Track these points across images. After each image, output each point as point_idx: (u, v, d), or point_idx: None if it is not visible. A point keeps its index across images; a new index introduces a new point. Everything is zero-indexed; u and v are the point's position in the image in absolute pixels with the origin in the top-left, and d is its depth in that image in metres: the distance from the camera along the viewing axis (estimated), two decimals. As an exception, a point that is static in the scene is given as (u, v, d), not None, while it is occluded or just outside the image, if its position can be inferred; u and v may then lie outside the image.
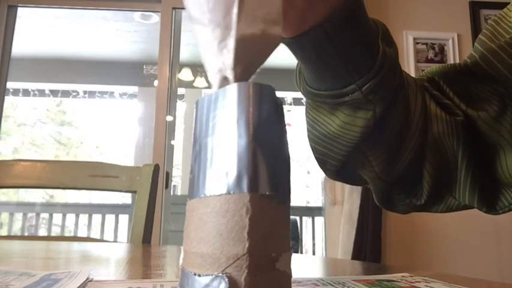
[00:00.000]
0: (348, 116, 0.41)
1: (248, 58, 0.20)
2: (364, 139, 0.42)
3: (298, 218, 3.75)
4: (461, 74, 0.46)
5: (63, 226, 4.10)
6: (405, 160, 0.45)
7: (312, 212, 3.89)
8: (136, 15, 3.21)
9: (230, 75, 0.20)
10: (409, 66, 2.17)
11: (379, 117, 0.40)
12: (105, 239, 3.00)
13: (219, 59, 0.20)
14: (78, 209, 4.18)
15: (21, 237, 1.90)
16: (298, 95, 4.33)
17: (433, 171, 0.45)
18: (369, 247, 1.90)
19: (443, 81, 0.47)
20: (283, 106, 0.19)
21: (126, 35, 3.71)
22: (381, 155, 0.44)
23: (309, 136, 0.47)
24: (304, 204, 4.27)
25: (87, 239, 1.22)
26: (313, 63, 0.39)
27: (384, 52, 0.38)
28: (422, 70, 2.40)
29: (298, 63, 0.44)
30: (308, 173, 4.83)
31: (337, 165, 0.46)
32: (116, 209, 4.13)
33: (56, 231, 4.11)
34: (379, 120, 0.41)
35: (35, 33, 3.61)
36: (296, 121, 4.51)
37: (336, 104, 0.40)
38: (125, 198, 4.20)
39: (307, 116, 0.46)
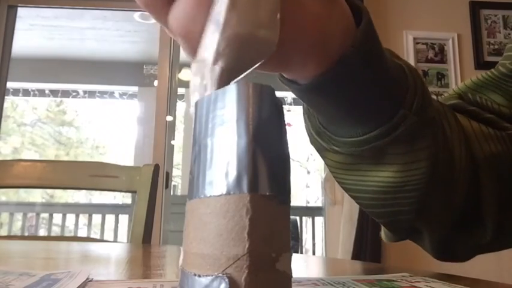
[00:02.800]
0: (405, 155, 0.34)
1: (230, 58, 0.20)
2: (432, 174, 0.35)
3: (298, 218, 3.75)
4: (504, 79, 0.42)
5: (63, 226, 4.10)
6: (460, 194, 0.38)
7: (312, 212, 3.89)
8: (136, 15, 3.21)
9: (208, 72, 0.20)
10: (409, 66, 2.17)
11: (442, 139, 0.34)
12: (105, 239, 3.00)
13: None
14: (78, 209, 4.18)
15: (21, 237, 1.90)
16: (298, 95, 4.33)
17: (493, 198, 0.38)
18: (369, 247, 1.90)
19: (480, 94, 0.43)
20: (283, 106, 0.19)
21: (126, 35, 3.71)
22: (437, 194, 0.37)
23: (360, 203, 0.39)
24: (304, 204, 4.27)
25: (87, 239, 1.22)
26: (348, 100, 0.32)
27: (406, 65, 0.35)
28: (423, 70, 2.38)
29: (308, 125, 0.37)
30: (308, 173, 4.83)
31: (410, 221, 0.38)
32: (116, 209, 4.13)
33: (56, 231, 4.11)
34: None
35: (35, 33, 3.61)
36: (296, 121, 4.51)
37: (386, 144, 0.33)
38: (125, 198, 4.20)
39: (341, 183, 0.39)
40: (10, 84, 2.85)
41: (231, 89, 0.18)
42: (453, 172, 0.37)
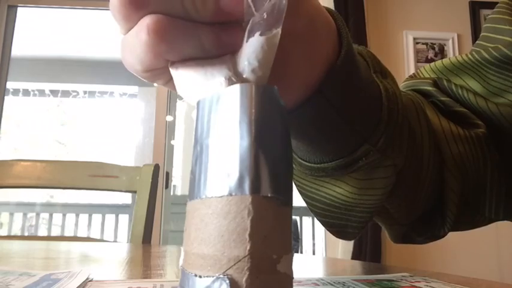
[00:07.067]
0: (362, 181, 0.33)
1: None
2: (387, 197, 0.35)
3: (298, 218, 3.75)
4: (484, 65, 0.41)
5: (63, 226, 4.10)
6: (425, 196, 0.39)
7: (312, 212, 3.88)
8: (136, 15, 3.20)
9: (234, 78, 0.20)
10: (409, 66, 2.17)
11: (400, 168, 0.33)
12: (105, 239, 3.00)
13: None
14: (78, 209, 4.18)
15: (21, 237, 1.90)
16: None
17: (458, 198, 0.38)
18: (369, 247, 1.90)
19: (456, 79, 0.42)
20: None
21: (126, 35, 3.71)
22: (401, 201, 0.38)
23: (311, 210, 0.39)
24: (304, 205, 4.26)
25: (87, 239, 1.22)
26: (310, 137, 0.31)
27: (386, 90, 0.32)
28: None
29: None
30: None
31: (359, 232, 0.39)
32: (116, 209, 4.13)
33: (56, 231, 4.11)
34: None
35: (35, 33, 3.61)
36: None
37: (343, 174, 0.33)
38: (125, 198, 4.20)
39: (298, 186, 0.38)
40: (10, 84, 2.85)
41: (234, 89, 0.18)
42: (419, 178, 0.37)
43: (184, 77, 0.22)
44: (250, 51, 0.20)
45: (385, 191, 0.34)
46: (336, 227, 0.39)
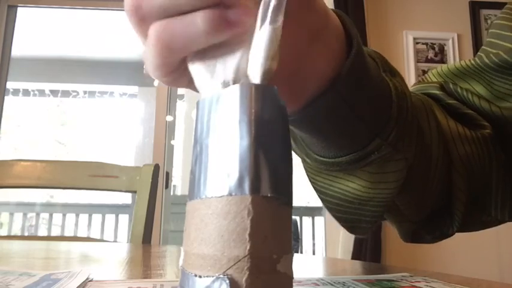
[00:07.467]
0: (374, 175, 0.34)
1: None
2: (399, 191, 0.36)
3: (298, 218, 3.75)
4: (487, 71, 0.42)
5: (63, 226, 4.10)
6: (433, 194, 0.40)
7: (312, 212, 3.88)
8: (136, 15, 3.19)
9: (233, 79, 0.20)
10: (409, 66, 2.17)
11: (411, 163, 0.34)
12: (105, 239, 3.00)
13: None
14: (78, 209, 4.18)
15: (21, 237, 1.90)
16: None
17: (465, 197, 0.39)
18: (369, 247, 1.90)
19: (462, 83, 0.43)
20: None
21: (126, 35, 3.71)
22: (410, 198, 0.39)
23: (326, 205, 0.40)
24: (304, 204, 4.27)
25: (87, 239, 1.22)
26: (324, 132, 0.32)
27: (395, 88, 0.33)
28: (423, 70, 2.38)
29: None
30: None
31: (371, 227, 0.39)
32: (116, 209, 4.13)
33: (56, 231, 4.11)
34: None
35: (35, 33, 3.61)
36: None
37: (356, 168, 0.34)
38: (125, 198, 4.20)
39: (313, 183, 0.39)
40: (10, 84, 2.85)
41: (234, 89, 0.18)
42: (427, 177, 0.38)
43: (198, 72, 0.22)
44: (262, 43, 0.20)
45: (397, 184, 0.35)
46: (350, 222, 0.39)
